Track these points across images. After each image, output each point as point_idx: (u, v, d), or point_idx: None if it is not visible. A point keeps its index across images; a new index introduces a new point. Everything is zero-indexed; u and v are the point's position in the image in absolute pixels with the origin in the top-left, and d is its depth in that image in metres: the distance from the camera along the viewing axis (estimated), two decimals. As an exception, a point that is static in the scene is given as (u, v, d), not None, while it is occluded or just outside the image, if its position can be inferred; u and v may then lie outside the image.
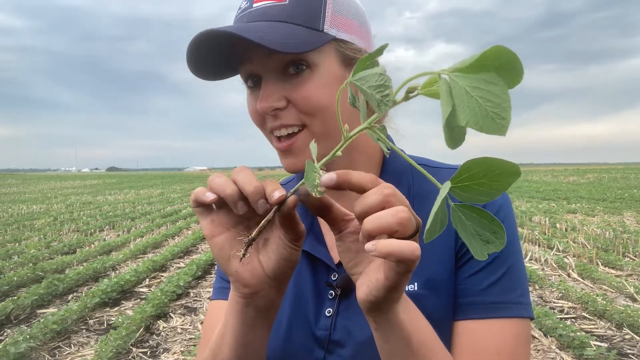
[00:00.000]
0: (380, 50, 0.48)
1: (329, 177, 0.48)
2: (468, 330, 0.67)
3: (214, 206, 0.55)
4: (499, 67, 0.39)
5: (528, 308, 0.69)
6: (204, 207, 0.55)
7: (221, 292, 0.81)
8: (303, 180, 0.49)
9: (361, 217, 0.47)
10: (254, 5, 0.65)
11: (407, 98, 0.47)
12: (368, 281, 0.50)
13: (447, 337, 0.69)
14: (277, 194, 0.49)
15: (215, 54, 0.66)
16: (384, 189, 0.47)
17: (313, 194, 0.48)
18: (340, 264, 0.72)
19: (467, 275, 0.69)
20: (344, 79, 0.64)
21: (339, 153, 0.51)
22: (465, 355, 0.66)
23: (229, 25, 0.65)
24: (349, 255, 0.53)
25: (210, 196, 0.53)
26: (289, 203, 0.50)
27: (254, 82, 0.69)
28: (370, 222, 0.45)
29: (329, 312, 0.70)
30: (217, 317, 0.72)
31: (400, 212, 0.45)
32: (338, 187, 0.48)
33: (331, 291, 0.71)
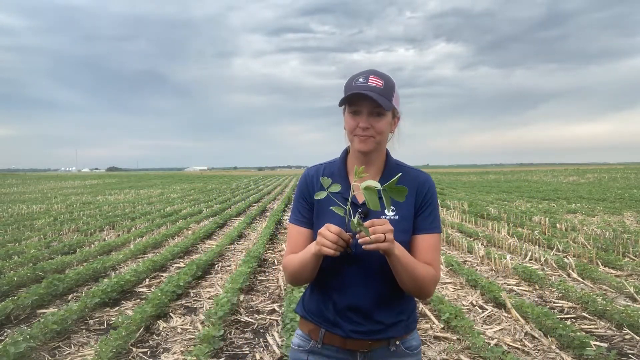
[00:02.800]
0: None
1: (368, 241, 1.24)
2: (423, 238, 1.43)
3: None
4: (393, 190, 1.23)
5: (440, 228, 1.49)
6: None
7: (298, 222, 1.52)
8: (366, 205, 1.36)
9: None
10: (368, 83, 1.38)
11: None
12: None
13: (408, 242, 1.43)
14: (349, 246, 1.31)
15: (351, 98, 1.38)
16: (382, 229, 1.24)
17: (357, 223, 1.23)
18: (363, 203, 1.42)
19: (422, 217, 1.45)
20: (392, 124, 1.46)
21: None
22: (423, 249, 1.42)
23: (362, 87, 1.37)
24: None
25: (331, 251, 1.27)
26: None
27: (356, 113, 1.41)
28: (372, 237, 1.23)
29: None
30: (295, 237, 1.50)
31: (379, 237, 1.22)
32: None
33: (359, 214, 1.34)
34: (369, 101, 1.35)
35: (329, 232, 1.26)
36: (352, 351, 1.46)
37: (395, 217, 1.41)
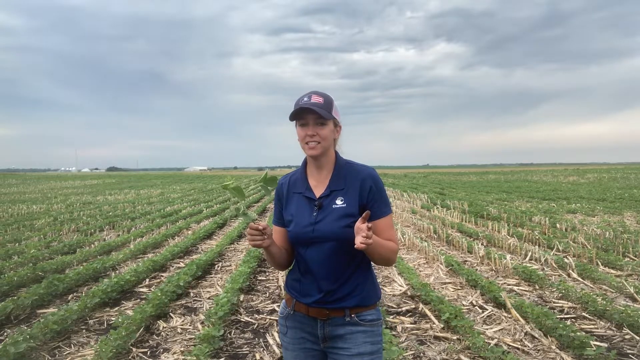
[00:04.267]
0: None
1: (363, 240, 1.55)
2: (380, 222, 1.74)
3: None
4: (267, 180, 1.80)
5: (391, 209, 1.82)
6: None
7: (275, 222, 1.91)
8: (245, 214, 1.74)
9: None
10: (311, 100, 1.71)
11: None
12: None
13: (354, 221, 1.67)
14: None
15: (297, 113, 1.72)
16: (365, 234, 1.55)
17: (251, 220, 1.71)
18: (320, 197, 1.77)
19: (376, 206, 1.75)
20: (334, 132, 1.79)
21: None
22: (382, 230, 1.73)
23: (306, 103, 1.70)
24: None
25: (252, 243, 1.69)
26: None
27: (304, 125, 1.74)
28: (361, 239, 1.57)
29: (315, 213, 1.76)
30: (275, 234, 1.87)
31: (364, 238, 1.54)
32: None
33: (315, 207, 1.77)
34: (312, 114, 1.70)
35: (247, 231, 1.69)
36: (314, 318, 1.78)
37: (344, 205, 1.74)
